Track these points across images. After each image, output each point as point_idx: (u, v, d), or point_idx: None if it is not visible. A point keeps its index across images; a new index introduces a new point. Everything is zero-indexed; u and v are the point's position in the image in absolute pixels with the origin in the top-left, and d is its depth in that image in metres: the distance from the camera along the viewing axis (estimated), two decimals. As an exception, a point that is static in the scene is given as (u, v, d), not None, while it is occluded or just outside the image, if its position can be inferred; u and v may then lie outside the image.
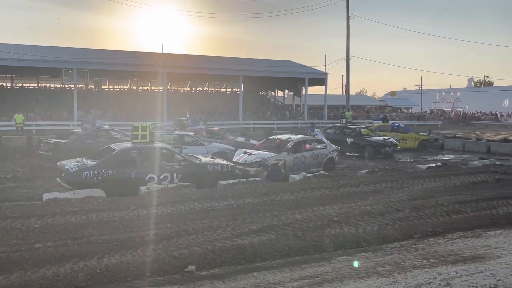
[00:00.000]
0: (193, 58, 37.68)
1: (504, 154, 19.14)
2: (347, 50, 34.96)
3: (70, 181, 9.19)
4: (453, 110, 58.50)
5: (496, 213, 7.70)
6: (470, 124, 48.19)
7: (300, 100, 43.97)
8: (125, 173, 9.53)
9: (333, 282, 4.70)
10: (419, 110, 60.96)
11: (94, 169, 9.33)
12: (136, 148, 10.13)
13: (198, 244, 5.71)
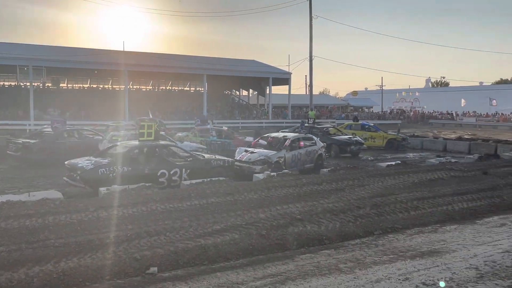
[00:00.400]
0: (156, 56, 37.06)
1: (459, 152, 19.97)
2: (310, 50, 35.44)
3: (87, 179, 9.43)
4: (412, 110, 60.37)
5: (452, 209, 8.00)
6: (428, 123, 49.95)
7: (265, 100, 44.19)
8: (139, 169, 9.92)
9: (296, 280, 4.73)
10: (380, 110, 62.57)
11: (110, 166, 9.67)
12: (147, 145, 10.60)
13: (160, 246, 5.61)
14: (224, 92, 47.43)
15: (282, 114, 42.96)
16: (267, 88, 40.49)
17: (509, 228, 6.88)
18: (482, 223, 7.26)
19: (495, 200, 8.70)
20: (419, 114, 56.33)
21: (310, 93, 38.66)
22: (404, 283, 4.62)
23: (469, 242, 6.15)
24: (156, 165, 10.16)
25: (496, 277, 4.79)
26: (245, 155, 12.35)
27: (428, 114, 55.93)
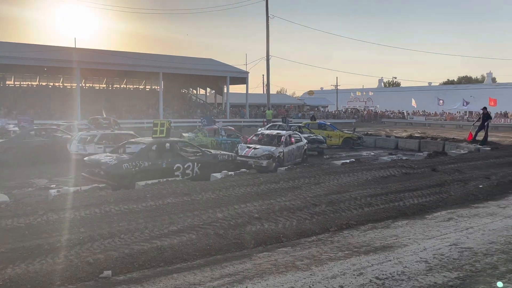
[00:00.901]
0: (110, 53, 36.06)
1: (410, 150, 20.78)
2: (267, 50, 35.68)
3: (112, 173, 10.03)
4: (365, 109, 62.16)
5: (403, 205, 8.28)
6: (381, 122, 51.64)
7: (222, 99, 44.07)
8: (158, 164, 10.73)
9: (254, 278, 4.74)
10: (335, 109, 63.98)
11: (132, 161, 10.41)
12: (163, 142, 11.48)
13: (115, 248, 5.46)
14: (181, 90, 46.90)
15: (240, 113, 43.01)
16: (225, 87, 40.41)
17: (456, 222, 7.20)
18: (431, 217, 7.56)
19: (443, 195, 9.09)
20: (372, 113, 58.11)
21: (268, 92, 38.90)
22: (358, 278, 4.73)
23: (419, 236, 6.39)
24: (172, 160, 11.03)
25: (444, 269, 5.01)
26: (249, 151, 13.31)
27: (381, 113, 57.81)
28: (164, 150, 11.37)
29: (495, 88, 67.51)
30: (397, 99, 72.68)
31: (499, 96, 49.60)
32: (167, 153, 11.26)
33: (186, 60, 39.23)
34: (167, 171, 10.62)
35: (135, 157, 10.59)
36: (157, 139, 11.40)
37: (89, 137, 14.49)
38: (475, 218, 7.47)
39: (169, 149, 11.46)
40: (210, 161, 11.77)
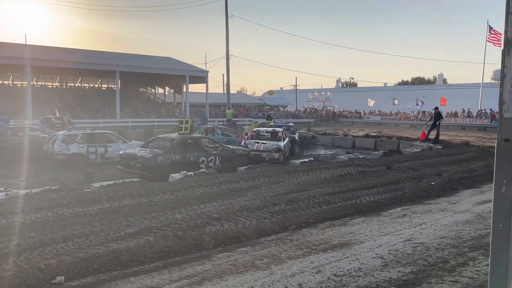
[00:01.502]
0: (64, 51, 34.79)
1: (367, 148, 21.35)
2: (227, 49, 35.63)
3: (148, 166, 11.27)
4: (324, 109, 63.31)
5: (360, 202, 8.48)
6: (339, 121, 52.72)
7: (182, 98, 43.53)
8: (186, 157, 12.09)
9: (213, 279, 4.70)
10: (294, 109, 64.73)
11: (165, 154, 11.69)
12: (190, 137, 12.94)
13: (68, 253, 5.25)
14: (139, 89, 45.92)
15: (200, 113, 42.69)
16: (184, 86, 39.93)
17: (410, 218, 7.45)
18: (387, 214, 7.79)
19: (398, 192, 9.39)
20: (331, 113, 59.22)
21: (228, 92, 38.85)
22: (316, 276, 4.79)
23: (375, 233, 6.56)
24: (197, 154, 12.45)
25: (399, 265, 5.16)
26: (260, 146, 15.14)
27: (339, 113, 58.99)
28: (191, 145, 12.72)
29: (446, 88, 70.57)
30: (354, 99, 74.51)
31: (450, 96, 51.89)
32: (193, 148, 12.63)
33: (144, 58, 38.44)
34: (194, 164, 12.07)
35: (167, 151, 11.90)
36: (184, 135, 12.89)
37: (71, 137, 14.86)
38: (428, 214, 7.76)
39: (195, 144, 12.86)
40: (229, 155, 13.27)
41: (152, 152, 11.89)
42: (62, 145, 14.35)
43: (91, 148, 14.71)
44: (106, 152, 15.09)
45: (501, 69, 2.15)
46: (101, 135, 15.82)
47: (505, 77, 2.15)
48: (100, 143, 15.12)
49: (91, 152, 14.83)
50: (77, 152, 14.34)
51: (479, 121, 41.05)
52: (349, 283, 4.59)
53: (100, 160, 14.98)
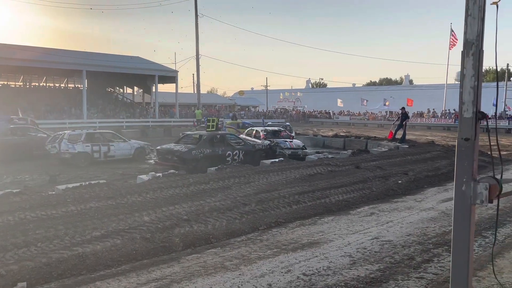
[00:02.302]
0: (27, 49, 33.66)
1: (336, 148, 21.62)
2: (197, 49, 35.37)
3: (184, 158, 12.87)
4: (294, 109, 63.77)
5: (329, 201, 8.57)
6: (309, 121, 53.29)
7: (151, 98, 42.91)
8: (216, 151, 13.71)
9: (182, 282, 4.64)
10: (265, 109, 64.95)
11: (198, 148, 13.32)
12: (218, 134, 14.59)
13: (30, 258, 5.08)
14: (107, 89, 44.98)
15: (169, 113, 42.20)
16: (153, 86, 39.37)
17: (377, 217, 7.58)
18: (355, 213, 7.90)
19: (366, 191, 9.55)
20: (301, 113, 59.73)
21: (198, 92, 38.55)
22: (286, 275, 4.81)
23: (344, 231, 6.64)
24: (224, 148, 14.01)
25: (367, 262, 5.24)
26: (292, 143, 17.09)
27: (309, 113, 59.60)
28: (219, 140, 14.24)
29: (412, 89, 72.41)
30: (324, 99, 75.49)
31: (416, 97, 53.30)
32: (220, 143, 14.17)
33: (111, 57, 37.66)
34: (222, 157, 13.65)
35: (199, 146, 13.49)
36: (212, 132, 14.43)
37: (76, 136, 15.47)
38: (395, 212, 7.92)
39: (222, 140, 14.35)
40: (251, 150, 14.78)
41: (187, 147, 13.53)
42: (69, 144, 14.87)
43: (95, 147, 15.35)
44: (108, 151, 15.80)
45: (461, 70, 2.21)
46: (102, 134, 16.63)
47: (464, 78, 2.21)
48: (103, 142, 15.80)
49: (95, 151, 15.45)
50: (82, 151, 15.01)
51: (444, 121, 42.41)
52: (318, 282, 4.62)
53: (103, 158, 15.61)
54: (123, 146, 16.32)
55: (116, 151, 16.02)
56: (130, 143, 16.84)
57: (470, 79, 2.19)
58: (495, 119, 7.20)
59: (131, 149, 16.56)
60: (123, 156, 16.32)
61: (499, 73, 57.56)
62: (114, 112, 37.10)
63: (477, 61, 2.28)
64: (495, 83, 42.67)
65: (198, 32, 35.06)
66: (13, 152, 15.01)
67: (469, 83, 2.20)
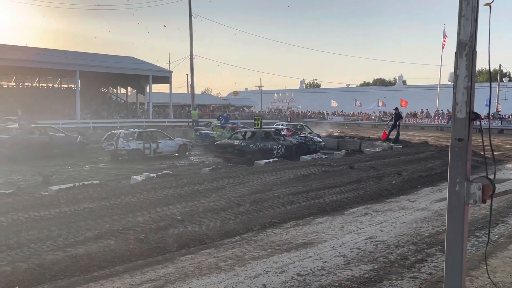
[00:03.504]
0: (19, 49, 33.42)
1: (330, 148, 21.65)
2: (191, 49, 35.32)
3: (243, 151, 15.15)
4: (288, 109, 63.83)
5: (323, 202, 8.59)
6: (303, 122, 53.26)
7: (145, 98, 42.78)
8: (266, 145, 16.04)
9: (176, 282, 4.63)
10: (259, 109, 64.95)
11: (253, 143, 15.64)
12: (265, 130, 17.14)
13: (23, 259, 5.04)
14: (100, 89, 44.77)
15: (164, 113, 42.08)
16: (147, 86, 39.25)
17: (371, 217, 7.61)
18: (349, 213, 7.92)
19: (360, 191, 9.58)
20: (295, 113, 59.79)
21: (192, 92, 38.52)
22: (280, 276, 4.81)
23: (338, 232, 6.66)
24: (271, 143, 16.37)
25: (361, 262, 5.25)
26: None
27: (303, 114, 59.67)
28: (267, 136, 16.58)
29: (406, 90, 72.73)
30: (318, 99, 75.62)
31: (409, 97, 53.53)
32: (268, 138, 16.53)
33: (105, 57, 37.50)
34: (270, 151, 15.98)
35: (254, 140, 15.74)
36: (260, 129, 16.96)
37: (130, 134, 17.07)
38: (389, 212, 7.95)
39: (269, 136, 16.74)
40: (289, 144, 17.08)
41: (244, 141, 15.93)
42: (124, 142, 16.44)
43: (146, 144, 16.99)
44: (157, 148, 17.44)
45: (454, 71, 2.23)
46: (151, 132, 18.33)
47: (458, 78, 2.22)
48: (152, 140, 17.34)
49: (146, 148, 17.08)
50: (135, 148, 16.66)
51: (437, 121, 42.64)
52: (312, 282, 4.63)
53: (153, 154, 17.27)
54: (169, 143, 18.08)
55: (163, 148, 17.70)
56: (175, 140, 18.68)
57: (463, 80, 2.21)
58: (488, 119, 7.29)
59: (176, 145, 18.27)
60: (169, 152, 18.06)
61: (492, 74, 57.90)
62: (108, 112, 36.94)
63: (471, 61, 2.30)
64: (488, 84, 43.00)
65: (192, 32, 35.05)
66: (35, 151, 15.74)
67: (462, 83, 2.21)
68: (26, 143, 15.57)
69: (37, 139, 16.26)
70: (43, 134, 17.01)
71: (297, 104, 67.11)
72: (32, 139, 16.05)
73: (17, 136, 15.80)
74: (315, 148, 19.03)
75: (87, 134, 27.15)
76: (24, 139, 15.79)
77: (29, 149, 15.62)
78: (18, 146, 15.18)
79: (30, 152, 15.56)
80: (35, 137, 16.34)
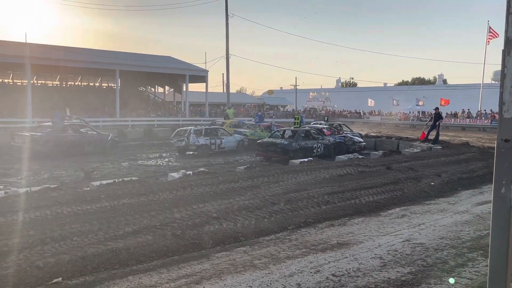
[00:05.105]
0: (64, 49, 34.72)
1: (366, 148, 21.31)
2: (227, 48, 35.60)
3: (286, 149, 15.49)
4: (323, 109, 63.23)
5: (359, 202, 8.47)
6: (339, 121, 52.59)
7: (181, 97, 43.49)
8: (306, 143, 16.47)
9: (211, 278, 4.69)
10: (294, 108, 64.68)
11: (295, 141, 15.96)
12: (304, 129, 17.34)
13: (67, 251, 5.25)
14: (139, 88, 45.87)
15: (200, 112, 42.64)
16: (184, 85, 39.88)
17: (409, 219, 7.44)
18: (386, 215, 7.78)
19: (397, 193, 9.38)
20: (330, 112, 59.13)
21: (227, 91, 38.84)
22: (315, 276, 4.78)
23: (374, 233, 6.55)
24: (311, 142, 16.77)
25: (398, 265, 5.15)
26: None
27: (339, 113, 58.96)
28: (307, 135, 17.00)
29: (446, 89, 70.55)
30: (354, 99, 74.50)
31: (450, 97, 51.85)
32: (308, 137, 16.98)
33: (144, 57, 38.40)
34: (310, 149, 16.34)
35: (295, 139, 16.06)
36: (300, 128, 17.20)
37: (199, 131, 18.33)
38: (427, 215, 7.75)
39: (309, 134, 17.19)
40: (327, 143, 17.41)
41: (285, 139, 16.30)
42: (195, 137, 17.72)
43: (212, 140, 18.26)
44: (221, 143, 18.71)
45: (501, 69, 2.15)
46: (215, 129, 19.52)
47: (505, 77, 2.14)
48: (216, 136, 18.56)
49: (212, 143, 18.33)
50: (203, 144, 17.91)
51: (479, 121, 41.06)
52: (347, 283, 4.58)
53: (217, 150, 18.47)
54: (231, 139, 19.29)
55: (226, 144, 18.93)
56: (235, 136, 19.87)
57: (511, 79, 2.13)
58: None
59: (235, 141, 19.48)
60: (230, 148, 19.20)
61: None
62: (145, 111, 37.80)
63: (518, 60, 2.21)
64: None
65: (228, 31, 35.31)
66: (67, 148, 16.24)
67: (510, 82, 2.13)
68: (58, 141, 16.03)
69: (69, 137, 16.73)
70: (75, 132, 17.48)
71: (332, 103, 66.35)
72: (64, 137, 16.51)
73: (50, 134, 16.26)
74: (355, 148, 18.78)
75: (126, 132, 27.94)
76: (57, 136, 16.26)
77: (61, 146, 16.04)
78: (50, 144, 15.62)
79: (62, 149, 15.98)
80: (67, 135, 16.81)
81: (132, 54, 39.79)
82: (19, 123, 24.26)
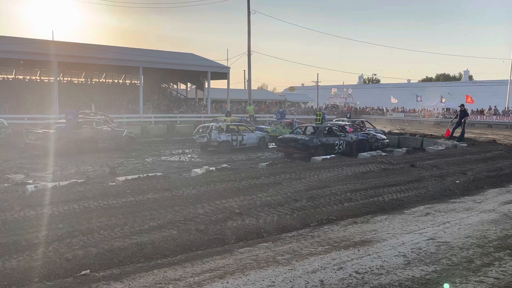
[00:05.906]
0: (89, 47, 35.35)
1: (389, 145, 21.05)
2: (248, 45, 35.60)
3: (307, 145, 15.31)
4: (345, 105, 62.61)
5: (382, 200, 8.40)
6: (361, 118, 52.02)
7: (203, 94, 43.74)
8: (328, 140, 16.22)
9: (235, 273, 4.75)
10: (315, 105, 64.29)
11: (316, 138, 15.82)
12: (326, 126, 16.98)
13: (94, 244, 5.39)
14: (161, 85, 46.37)
15: (222, 109, 42.82)
16: (206, 82, 40.10)
17: (433, 217, 7.35)
18: (410, 212, 7.70)
19: (421, 191, 9.26)
20: (352, 109, 58.54)
21: (249, 88, 38.85)
22: (338, 273, 4.79)
23: (397, 231, 6.50)
24: (333, 138, 16.46)
25: (422, 263, 5.10)
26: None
27: (361, 110, 58.31)
28: (329, 131, 16.70)
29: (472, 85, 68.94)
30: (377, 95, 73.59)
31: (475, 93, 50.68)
32: (330, 134, 16.62)
33: (166, 54, 38.75)
34: (331, 146, 16.09)
35: (317, 136, 15.99)
36: (321, 124, 17.03)
37: (221, 127, 18.44)
38: (452, 213, 7.64)
39: (331, 131, 16.82)
40: (349, 140, 17.12)
41: (307, 136, 16.30)
42: (217, 134, 17.88)
43: (233, 136, 18.40)
44: (243, 140, 18.79)
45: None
46: (237, 126, 19.55)
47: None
48: (238, 132, 18.72)
49: (234, 140, 18.42)
50: (225, 140, 18.06)
51: (507, 118, 40.00)
52: (371, 281, 4.57)
53: (239, 146, 18.57)
54: (252, 136, 19.33)
55: (247, 140, 18.97)
56: (256, 133, 19.86)
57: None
58: None
59: (257, 138, 19.45)
60: (252, 144, 19.20)
61: None
62: (168, 107, 38.20)
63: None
64: None
65: (250, 28, 35.29)
66: (81, 145, 16.32)
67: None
68: (72, 137, 16.04)
69: (83, 134, 16.70)
70: (89, 128, 17.44)
71: (355, 99, 65.63)
72: (78, 133, 16.49)
73: (63, 131, 16.29)
74: (378, 145, 18.51)
75: (149, 128, 28.33)
76: (70, 133, 16.25)
77: (74, 143, 16.04)
78: (64, 140, 15.65)
79: (76, 146, 15.98)
80: (80, 131, 16.76)
81: (154, 51, 40.19)
82: (46, 119, 24.81)
